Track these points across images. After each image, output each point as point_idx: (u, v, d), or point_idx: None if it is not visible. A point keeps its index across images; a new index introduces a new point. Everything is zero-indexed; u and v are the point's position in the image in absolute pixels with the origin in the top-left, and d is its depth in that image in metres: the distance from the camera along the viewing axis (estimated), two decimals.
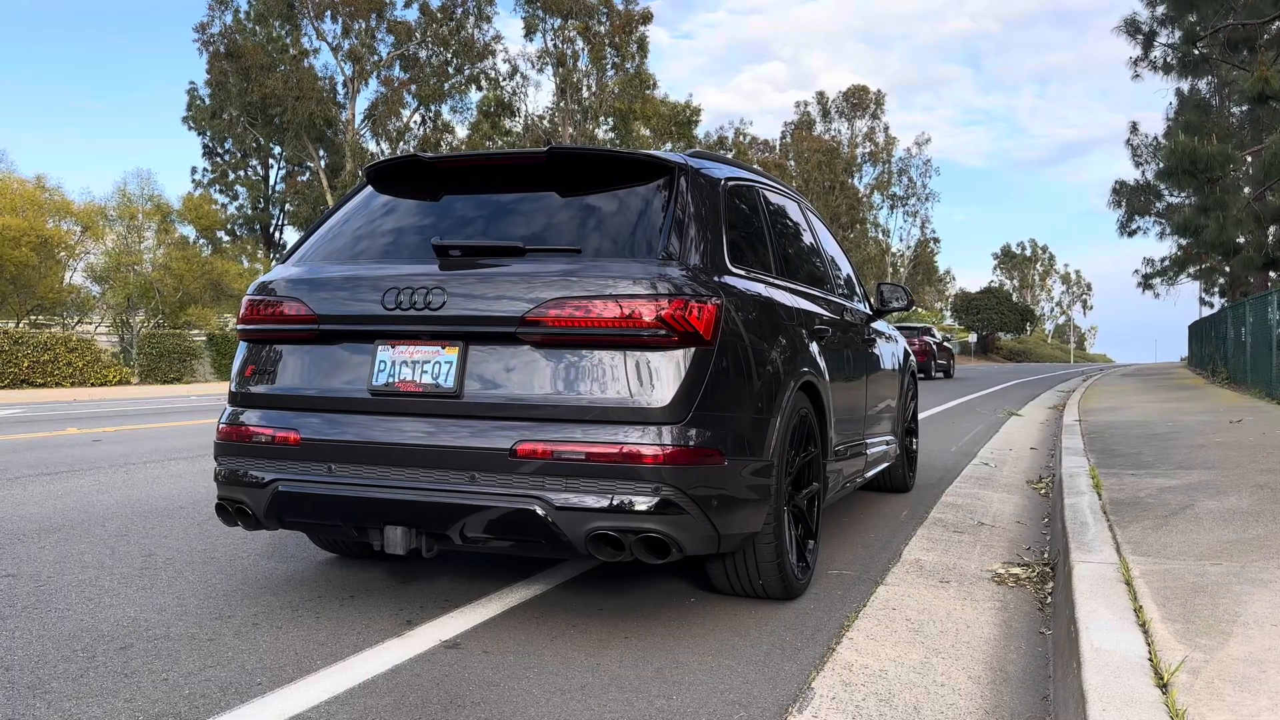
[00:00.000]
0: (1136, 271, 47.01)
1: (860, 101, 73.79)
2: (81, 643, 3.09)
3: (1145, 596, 3.18)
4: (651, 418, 3.00)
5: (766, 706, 2.62)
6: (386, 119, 42.52)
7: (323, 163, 42.74)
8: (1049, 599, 3.93)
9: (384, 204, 3.81)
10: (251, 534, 4.85)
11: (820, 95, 74.58)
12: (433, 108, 44.41)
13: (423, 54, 43.61)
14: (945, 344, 33.29)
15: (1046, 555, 4.70)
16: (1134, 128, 47.05)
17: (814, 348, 4.09)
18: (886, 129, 76.11)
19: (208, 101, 44.49)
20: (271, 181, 49.82)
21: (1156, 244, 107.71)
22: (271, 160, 49.13)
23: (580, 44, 50.51)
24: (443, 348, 3.20)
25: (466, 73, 44.90)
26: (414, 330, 3.23)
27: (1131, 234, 45.90)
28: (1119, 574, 3.49)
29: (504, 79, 49.58)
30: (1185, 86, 38.06)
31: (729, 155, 63.97)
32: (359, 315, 3.30)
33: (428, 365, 3.21)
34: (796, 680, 2.82)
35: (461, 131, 47.42)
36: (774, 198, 4.54)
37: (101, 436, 10.50)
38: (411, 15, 42.80)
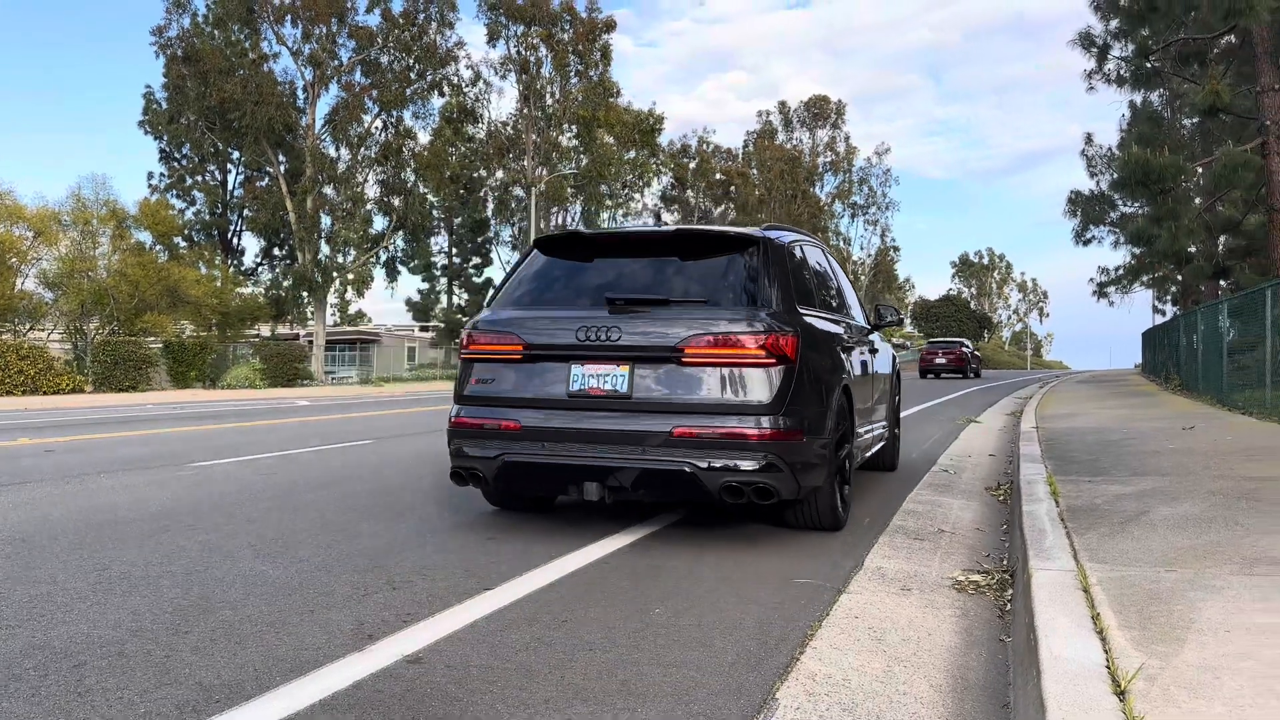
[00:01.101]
0: (1091, 280, 47.73)
1: (821, 111, 74.43)
2: (34, 660, 3.02)
3: (1103, 604, 3.23)
4: (759, 411, 4.61)
5: (731, 717, 2.62)
6: (347, 124, 42.15)
7: (282, 168, 42.28)
8: (1009, 606, 3.97)
9: (553, 265, 5.40)
10: (209, 549, 4.79)
11: (782, 105, 75.20)
12: (395, 113, 44.08)
13: (384, 59, 43.31)
14: (976, 353, 42.28)
15: (1006, 562, 4.75)
16: (1089, 139, 47.85)
17: (844, 359, 5.74)
18: (847, 138, 76.88)
19: (165, 106, 43.81)
20: (230, 187, 49.20)
21: (1111, 253, 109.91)
22: (230, 165, 48.51)
23: (544, 51, 50.49)
24: (618, 366, 4.78)
25: (429, 79, 44.65)
26: (597, 354, 4.79)
27: (1086, 243, 46.63)
28: (1077, 581, 3.54)
29: (467, 85, 49.42)
30: (1138, 99, 38.79)
31: (693, 164, 64.26)
32: (560, 345, 4.88)
33: (608, 377, 4.78)
34: (761, 691, 2.83)
35: (424, 137, 47.19)
36: (811, 250, 6.22)
37: (54, 446, 10.29)
38: (373, 20, 42.52)
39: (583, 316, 4.88)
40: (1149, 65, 26.68)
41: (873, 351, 6.98)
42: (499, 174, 53.23)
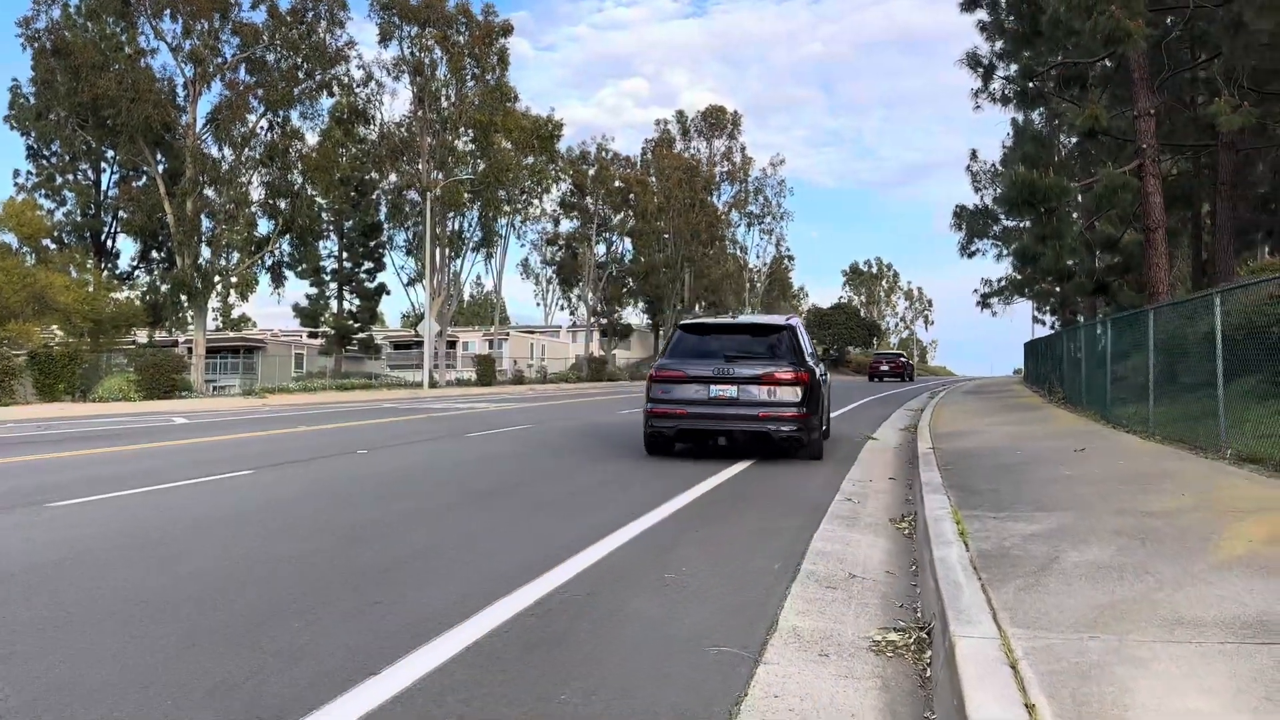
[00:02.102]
0: (976, 291, 49.35)
1: (718, 121, 75.11)
2: None
3: (1032, 684, 3.07)
4: (792, 405, 10.51)
5: None
6: (231, 124, 40.37)
7: (160, 168, 40.22)
8: (929, 672, 3.82)
9: (689, 337, 11.40)
10: (50, 612, 4.28)
11: (680, 114, 75.55)
12: (281, 113, 42.44)
13: (270, 57, 41.71)
14: (910, 363, 55.60)
15: (920, 614, 4.61)
16: (974, 155, 49.54)
17: (821, 381, 11.47)
18: (743, 149, 77.74)
19: (33, 101, 41.28)
20: (104, 186, 46.65)
21: (994, 265, 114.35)
22: (104, 164, 46.01)
23: (439, 53, 49.49)
24: (732, 385, 10.61)
25: (318, 78, 43.16)
26: (722, 380, 10.63)
27: (971, 255, 48.34)
28: (1002, 654, 3.39)
29: (358, 86, 48.03)
30: (1020, 118, 40.24)
31: (592, 171, 63.93)
32: (705, 375, 10.71)
33: (727, 391, 10.60)
34: None
35: (312, 138, 45.67)
36: (799, 322, 11.96)
37: None
38: (259, 17, 40.84)
39: (714, 365, 10.82)
40: (1032, 86, 27.63)
41: (824, 374, 12.68)
42: (392, 177, 51.92)
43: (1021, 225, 32.75)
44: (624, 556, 5.70)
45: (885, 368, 53.32)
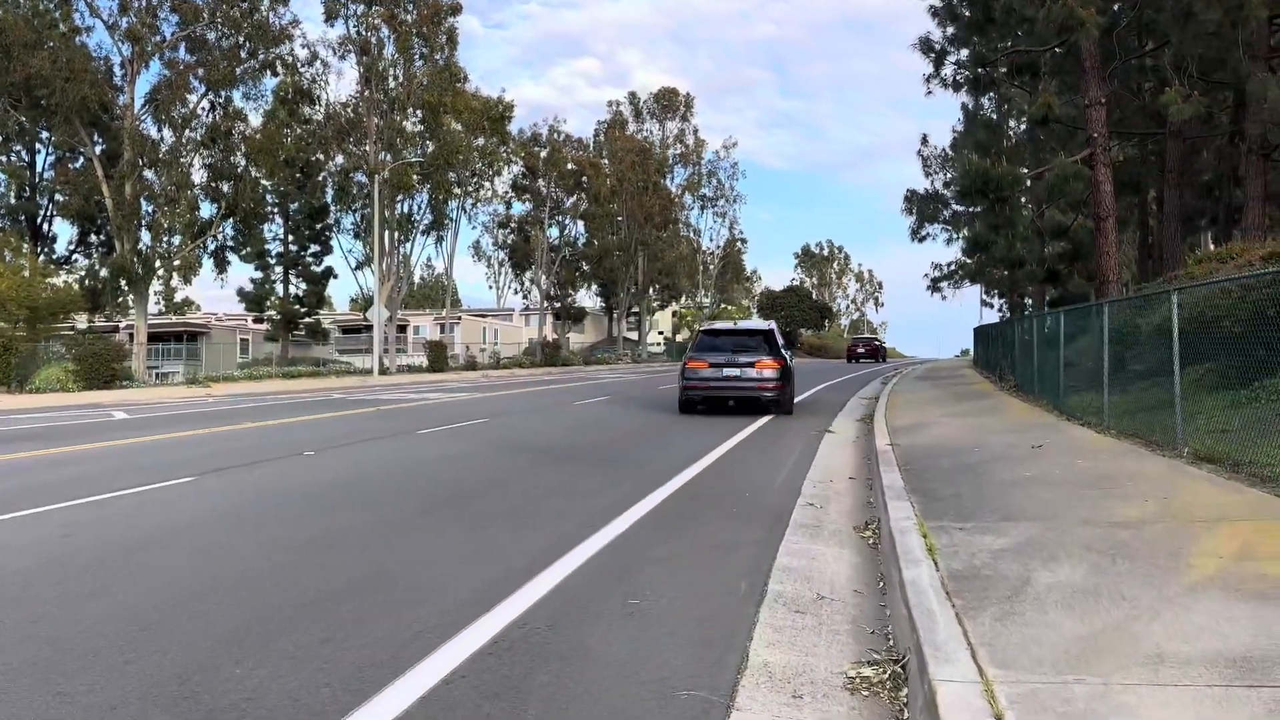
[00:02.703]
0: (927, 275, 49.78)
1: (670, 103, 74.78)
2: None
3: None
4: (774, 380, 16.92)
5: None
6: (170, 104, 39.19)
7: (98, 150, 38.90)
8: (905, 714, 3.67)
9: (708, 337, 18.13)
10: None
11: (632, 95, 75.12)
12: (223, 93, 41.30)
13: (212, 35, 40.52)
14: (883, 346, 61.71)
15: (893, 644, 4.47)
16: (924, 140, 49.89)
17: (791, 364, 18.33)
18: (696, 131, 77.59)
19: None
20: (39, 168, 45.12)
21: (944, 249, 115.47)
22: (39, 145, 44.46)
23: (386, 31, 48.50)
24: (737, 368, 17.03)
25: (261, 57, 42.01)
26: (731, 364, 17.09)
27: (922, 240, 48.72)
28: (986, 702, 3.24)
29: (303, 65, 46.90)
30: (971, 103, 40.49)
31: (544, 153, 63.31)
32: (721, 361, 17.19)
33: (734, 371, 17.02)
34: None
35: (255, 119, 44.56)
36: (775, 325, 18.98)
37: None
38: None
39: (724, 354, 17.17)
40: (983, 73, 27.71)
41: (791, 359, 18.61)
42: (339, 159, 50.89)
43: (972, 211, 32.97)
44: (586, 578, 5.49)
45: (861, 350, 61.12)
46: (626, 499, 8.09)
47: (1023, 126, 37.50)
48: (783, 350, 17.73)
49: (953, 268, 48.03)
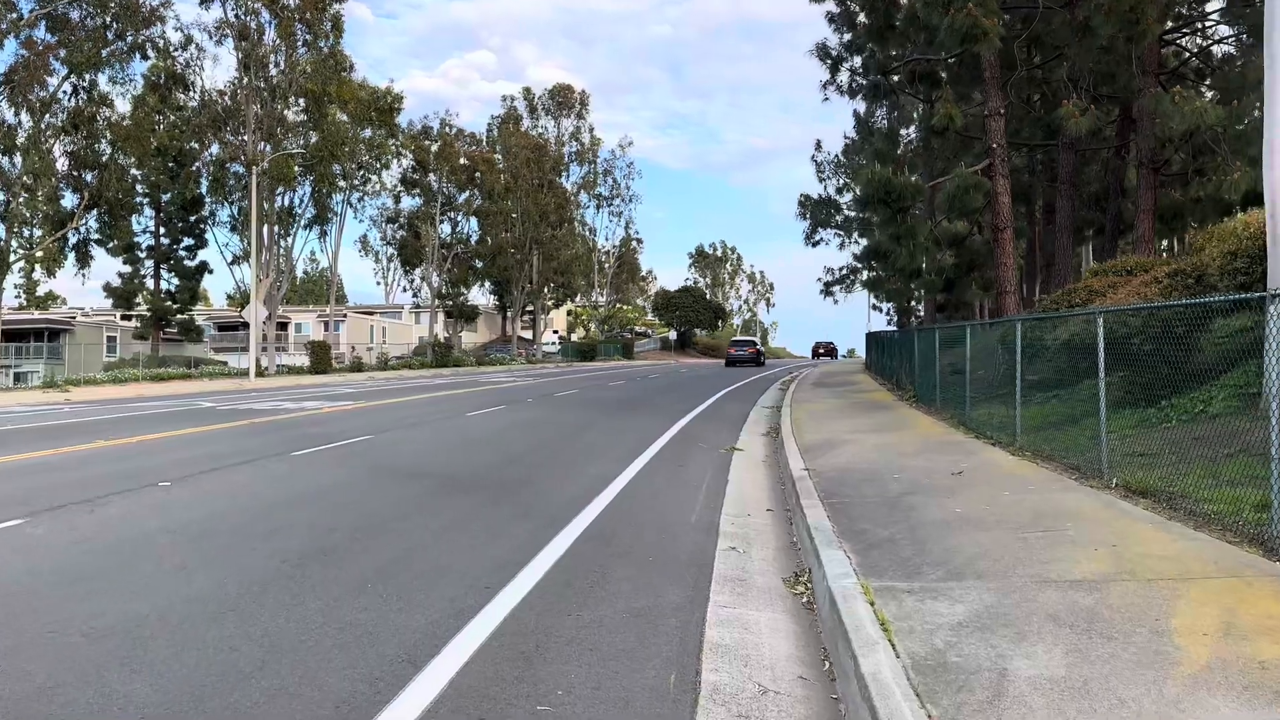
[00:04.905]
0: (819, 279, 50.40)
1: (566, 100, 73.77)
2: None
3: None
4: (758, 356, 60.51)
5: None
6: (28, 87, 36.32)
7: None
8: None
9: (734, 341, 68.50)
10: None
11: (527, 91, 73.88)
12: (87, 76, 38.53)
13: (75, 14, 37.73)
14: (761, 349, 67.02)
15: None
16: (818, 145, 50.65)
17: (759, 350, 64.35)
18: (592, 129, 76.81)
19: None
20: None
21: (837, 254, 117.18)
22: None
23: (266, 16, 46.18)
24: (746, 350, 60.48)
25: (130, 39, 39.36)
26: (744, 349, 61.28)
27: (816, 245, 49.17)
28: None
29: (176, 49, 44.24)
30: (862, 109, 40.81)
31: (435, 147, 61.51)
32: (741, 349, 61.32)
33: (747, 351, 60.01)
34: None
35: (123, 105, 41.76)
36: (758, 338, 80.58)
37: None
38: None
39: (743, 347, 60.81)
40: (881, 80, 27.70)
41: (762, 349, 65.92)
42: (215, 148, 48.24)
43: (868, 218, 33.07)
44: (483, 670, 4.58)
45: (740, 353, 65.80)
46: (528, 545, 7.19)
47: (914, 134, 37.94)
48: (759, 347, 58.75)
49: (844, 272, 48.64)
